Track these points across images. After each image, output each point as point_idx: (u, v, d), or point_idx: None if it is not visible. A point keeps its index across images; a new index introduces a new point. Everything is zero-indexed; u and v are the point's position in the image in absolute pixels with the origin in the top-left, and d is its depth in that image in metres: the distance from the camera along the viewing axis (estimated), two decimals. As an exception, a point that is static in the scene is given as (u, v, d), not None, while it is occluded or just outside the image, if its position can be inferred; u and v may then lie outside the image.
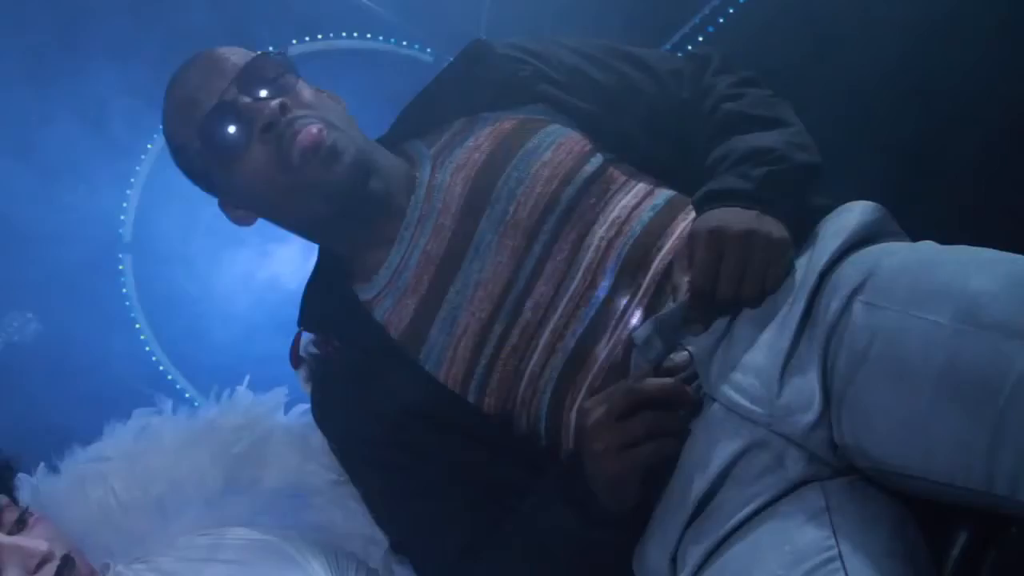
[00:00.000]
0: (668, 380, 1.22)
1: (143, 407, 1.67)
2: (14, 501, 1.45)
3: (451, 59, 3.19)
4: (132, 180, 2.96)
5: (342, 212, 1.38)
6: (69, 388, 2.63)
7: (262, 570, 1.47)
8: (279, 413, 1.66)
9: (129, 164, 2.96)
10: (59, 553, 1.38)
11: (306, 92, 1.40)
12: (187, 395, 2.85)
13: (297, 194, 1.37)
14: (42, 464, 1.58)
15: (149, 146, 2.96)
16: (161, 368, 2.91)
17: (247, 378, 1.70)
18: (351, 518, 1.55)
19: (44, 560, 1.36)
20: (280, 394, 1.67)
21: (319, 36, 3.03)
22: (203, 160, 1.41)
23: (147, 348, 2.93)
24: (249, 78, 1.37)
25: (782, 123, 1.38)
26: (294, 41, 2.99)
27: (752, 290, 1.23)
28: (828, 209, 1.31)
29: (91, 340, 2.82)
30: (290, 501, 1.58)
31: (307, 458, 1.58)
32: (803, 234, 1.28)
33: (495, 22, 3.05)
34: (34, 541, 1.37)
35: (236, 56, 1.40)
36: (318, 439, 1.57)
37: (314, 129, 1.34)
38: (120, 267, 2.96)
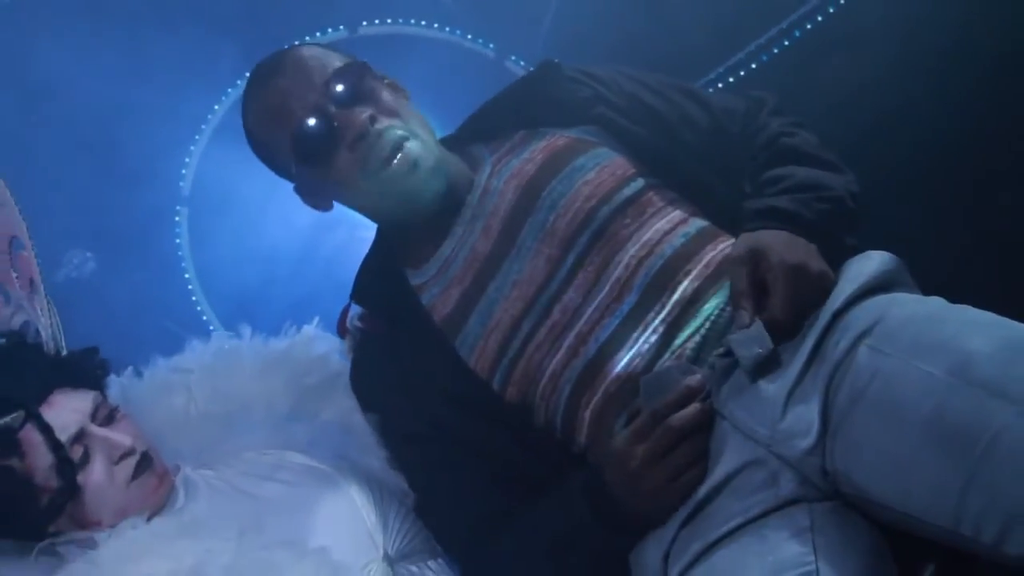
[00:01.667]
0: (697, 407, 1.31)
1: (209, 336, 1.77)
2: (105, 398, 1.55)
3: (511, 58, 3.29)
4: (196, 138, 3.06)
5: (411, 211, 1.50)
6: (114, 326, 2.70)
7: (313, 494, 1.55)
8: (339, 356, 1.73)
9: (195, 124, 3.06)
10: (140, 449, 1.49)
11: (388, 98, 1.49)
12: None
13: (377, 195, 1.48)
14: (130, 368, 1.68)
15: (216, 107, 3.07)
16: (204, 319, 3.01)
17: (316, 319, 1.78)
18: (386, 464, 1.62)
19: (127, 453, 1.48)
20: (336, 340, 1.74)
21: (388, 20, 3.12)
22: (288, 158, 1.50)
23: (193, 298, 3.04)
24: (339, 85, 1.46)
25: (838, 168, 1.47)
26: (364, 23, 3.08)
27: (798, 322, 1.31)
28: (855, 250, 1.40)
29: (141, 284, 2.93)
30: (345, 437, 1.65)
31: (357, 410, 1.65)
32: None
33: (558, 25, 3.11)
34: (120, 435, 1.49)
35: (324, 61, 1.49)
36: None
37: (401, 143, 1.44)
38: (176, 218, 3.07)
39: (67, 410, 1.47)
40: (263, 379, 1.71)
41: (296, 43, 1.57)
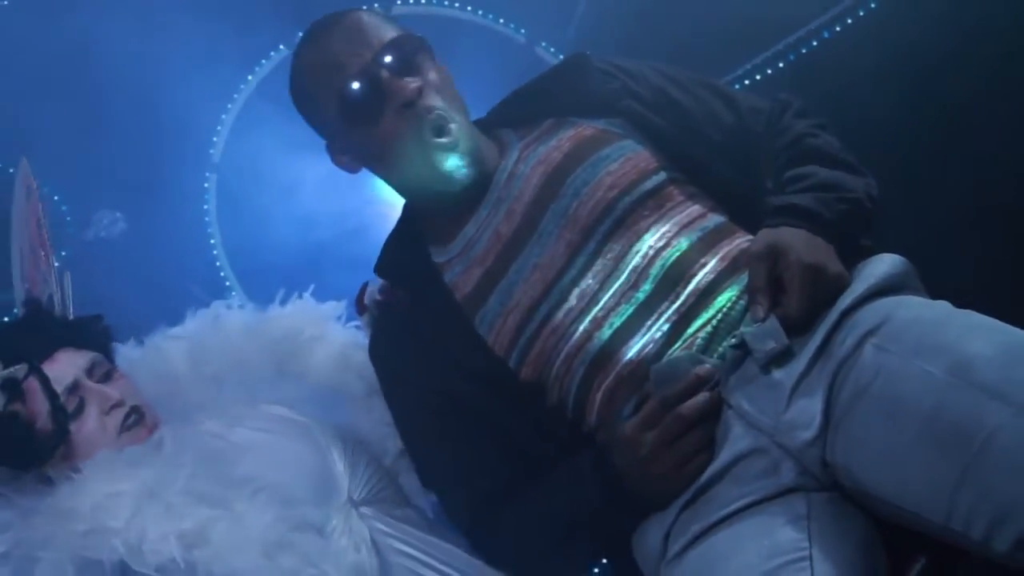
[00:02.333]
0: (706, 397, 1.35)
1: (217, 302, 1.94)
2: (108, 359, 1.76)
3: (542, 44, 3.31)
4: (229, 107, 3.10)
5: (443, 189, 1.53)
6: (139, 287, 2.75)
7: (283, 440, 1.73)
8: (333, 323, 1.88)
9: (228, 92, 3.10)
10: (130, 403, 1.70)
11: (436, 75, 1.52)
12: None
13: (413, 166, 1.52)
14: (132, 338, 1.88)
15: (249, 77, 3.10)
16: (227, 284, 3.05)
17: (312, 287, 1.91)
18: (373, 426, 1.78)
19: (116, 405, 1.69)
20: (339, 307, 1.89)
21: (422, 1, 3.14)
22: (331, 114, 1.53)
23: (217, 263, 3.07)
24: (393, 53, 1.49)
25: (858, 171, 1.50)
26: (398, 2, 3.11)
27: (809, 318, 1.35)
28: (870, 251, 1.44)
29: (169, 247, 2.96)
30: (327, 397, 1.83)
31: (347, 368, 1.81)
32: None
33: (590, 14, 3.13)
34: (111, 389, 1.70)
35: (382, 28, 1.52)
36: (361, 356, 1.77)
37: (446, 122, 1.48)
38: (205, 184, 3.10)
39: (66, 365, 1.68)
40: (248, 342, 1.86)
41: (355, 8, 1.59)
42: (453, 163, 1.51)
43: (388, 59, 1.49)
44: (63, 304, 1.90)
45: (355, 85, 1.49)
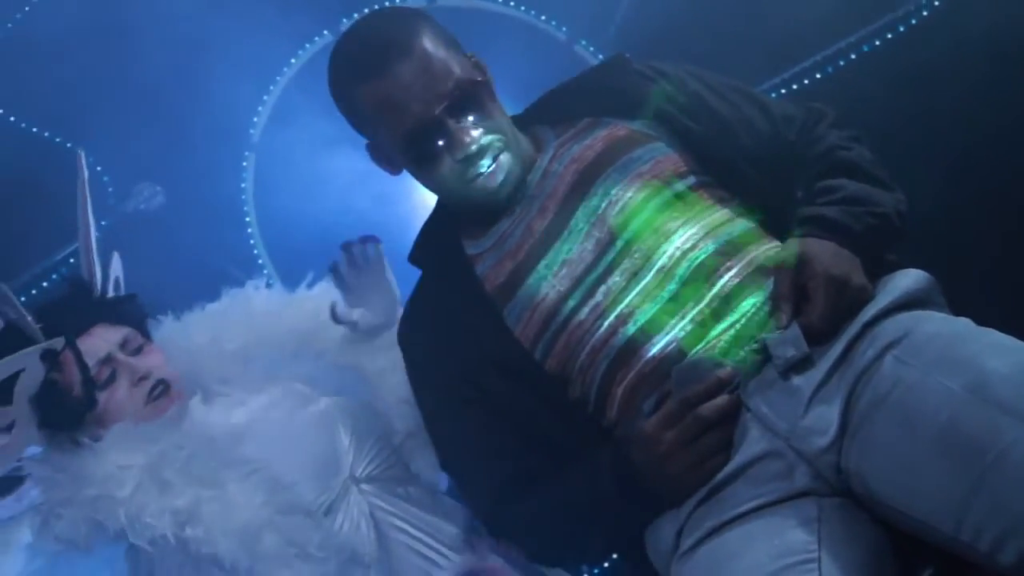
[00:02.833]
0: (725, 399, 1.38)
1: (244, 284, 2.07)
2: (142, 334, 1.94)
3: (582, 43, 3.32)
4: (271, 88, 3.13)
5: (486, 207, 1.57)
6: (174, 259, 2.82)
7: (294, 421, 1.87)
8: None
9: (272, 73, 3.14)
10: (157, 376, 1.87)
11: (494, 109, 1.54)
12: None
13: (461, 195, 1.56)
14: (170, 313, 2.03)
15: (292, 61, 3.14)
16: (260, 262, 3.08)
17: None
18: (388, 404, 1.89)
19: (143, 377, 1.86)
20: None
21: (467, -6, 3.17)
22: (387, 143, 1.55)
23: (251, 241, 3.11)
24: (458, 100, 1.50)
25: (889, 186, 1.52)
26: (440, -4, 3.13)
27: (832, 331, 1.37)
28: (895, 265, 1.46)
29: (204, 222, 3.00)
30: (342, 375, 1.96)
31: (361, 352, 1.93)
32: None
33: (632, 15, 3.14)
34: (140, 363, 1.87)
35: (448, 65, 1.50)
36: (378, 341, 1.90)
37: (498, 155, 1.52)
38: (244, 163, 3.13)
39: (100, 340, 1.86)
40: (272, 321, 2.00)
41: (407, 15, 1.58)
42: (498, 191, 1.55)
43: (454, 104, 1.50)
44: (105, 282, 2.02)
45: (421, 131, 1.50)
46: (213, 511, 1.71)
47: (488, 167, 1.52)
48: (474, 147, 1.51)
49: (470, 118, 1.51)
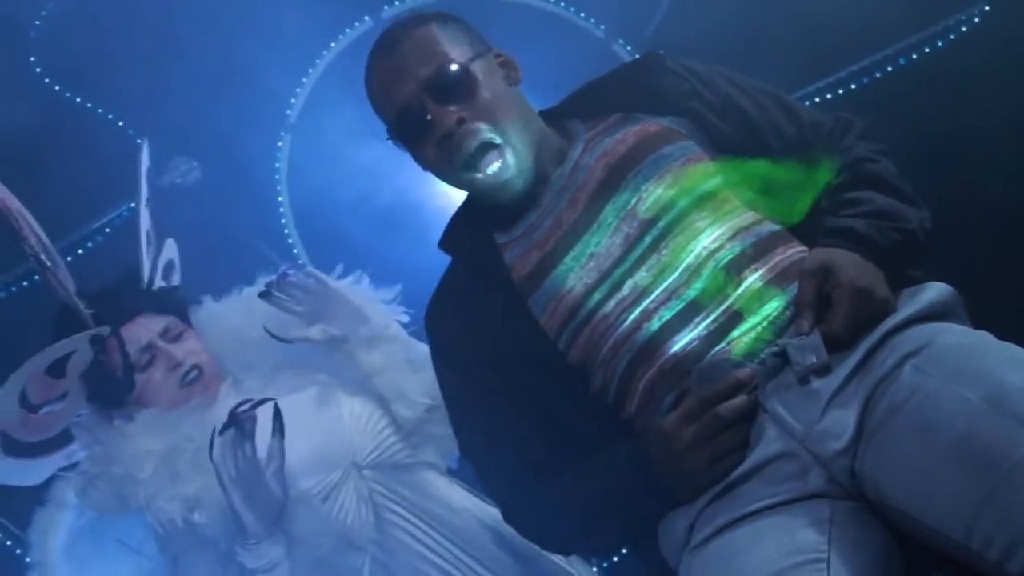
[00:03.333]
0: (744, 399, 1.40)
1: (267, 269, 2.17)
2: (183, 320, 2.14)
3: (619, 41, 3.32)
4: (310, 71, 3.16)
5: (492, 198, 1.60)
6: (208, 235, 2.86)
7: (303, 411, 1.99)
8: (378, 304, 2.11)
9: (311, 56, 3.16)
10: (191, 362, 2.07)
11: (486, 96, 1.55)
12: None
13: (462, 187, 1.61)
14: (209, 296, 2.20)
15: (333, 45, 3.17)
16: (290, 241, 3.12)
17: (368, 271, 2.12)
18: (404, 387, 2.05)
19: (178, 364, 2.06)
20: (391, 292, 2.15)
21: (504, -12, 3.17)
22: (389, 127, 1.60)
23: (283, 220, 3.14)
24: (439, 82, 1.53)
25: (915, 202, 1.53)
26: (482, -12, 3.16)
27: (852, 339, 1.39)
28: (917, 280, 1.47)
29: (239, 201, 3.04)
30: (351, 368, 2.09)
31: (388, 341, 2.08)
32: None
33: (671, 16, 3.13)
34: (177, 350, 2.08)
35: (436, 49, 1.55)
36: (395, 329, 2.06)
37: (486, 149, 1.54)
38: (279, 144, 3.17)
39: (143, 328, 2.07)
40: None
41: (429, 14, 1.62)
42: (497, 188, 1.57)
43: (434, 86, 1.53)
44: (153, 272, 2.23)
45: (402, 113, 1.55)
46: (217, 499, 1.86)
47: (473, 154, 1.53)
48: (449, 130, 1.52)
49: (451, 105, 1.54)
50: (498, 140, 1.54)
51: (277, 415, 1.82)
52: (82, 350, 2.04)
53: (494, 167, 1.55)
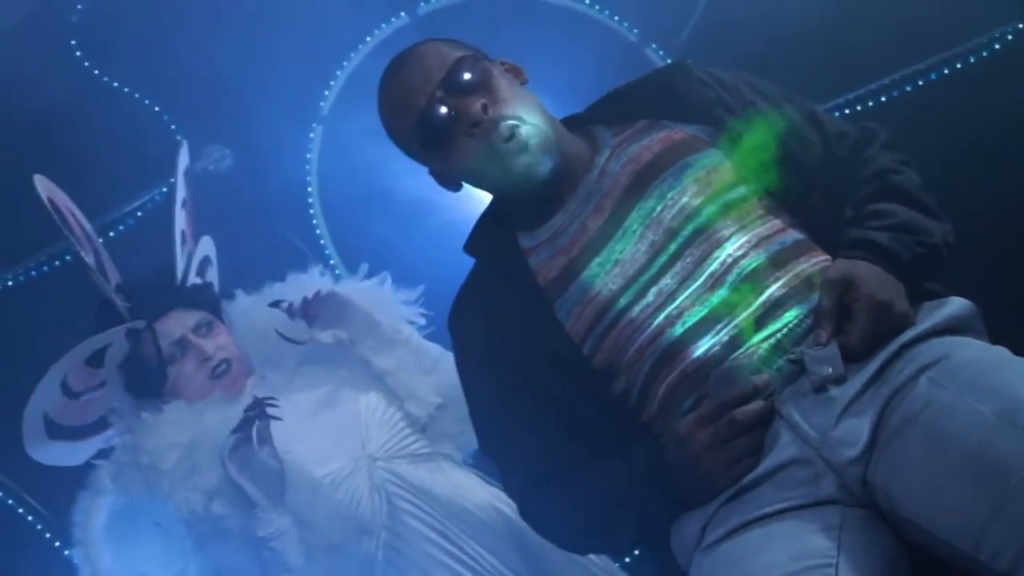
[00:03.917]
0: (760, 404, 1.42)
1: (296, 266, 2.32)
2: (216, 316, 2.27)
3: (652, 46, 3.32)
4: (344, 64, 3.18)
5: (526, 187, 1.59)
6: (238, 222, 2.90)
7: (320, 407, 2.13)
8: (399, 306, 2.23)
9: (347, 47, 3.18)
10: (219, 356, 2.20)
11: (502, 86, 1.57)
12: (332, 262, 3.08)
13: (494, 175, 1.58)
14: (241, 290, 2.33)
15: (368, 39, 3.19)
16: (318, 232, 3.13)
17: (390, 273, 2.23)
18: (415, 388, 2.17)
19: (208, 358, 2.19)
20: (412, 294, 2.26)
21: (538, -11, 3.17)
22: (417, 151, 1.61)
23: (311, 211, 3.16)
24: (454, 78, 1.55)
25: (938, 216, 1.54)
26: (516, -11, 3.15)
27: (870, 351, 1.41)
28: (936, 294, 1.49)
29: (269, 190, 3.06)
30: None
31: (397, 345, 2.20)
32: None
33: (705, 22, 3.13)
34: (207, 344, 2.21)
35: (442, 56, 1.57)
36: (407, 333, 2.18)
37: (514, 129, 1.54)
38: (311, 135, 3.18)
39: (176, 323, 2.20)
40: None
41: (424, 40, 1.64)
42: (528, 161, 1.55)
43: (451, 83, 1.55)
44: (187, 269, 2.34)
45: (425, 116, 1.55)
46: (236, 490, 1.98)
47: (506, 136, 1.54)
48: (478, 117, 1.53)
49: (471, 96, 1.55)
50: (522, 124, 1.55)
51: (259, 403, 2.02)
52: (119, 342, 2.17)
53: (522, 139, 1.54)
